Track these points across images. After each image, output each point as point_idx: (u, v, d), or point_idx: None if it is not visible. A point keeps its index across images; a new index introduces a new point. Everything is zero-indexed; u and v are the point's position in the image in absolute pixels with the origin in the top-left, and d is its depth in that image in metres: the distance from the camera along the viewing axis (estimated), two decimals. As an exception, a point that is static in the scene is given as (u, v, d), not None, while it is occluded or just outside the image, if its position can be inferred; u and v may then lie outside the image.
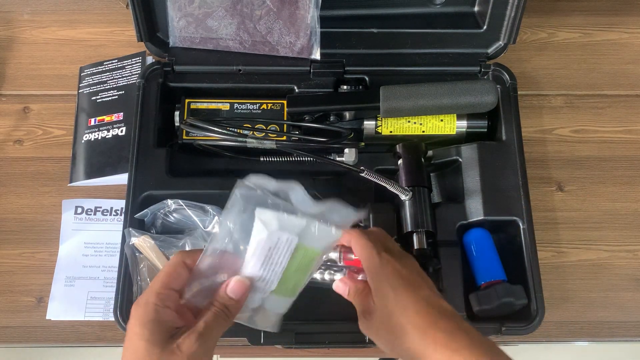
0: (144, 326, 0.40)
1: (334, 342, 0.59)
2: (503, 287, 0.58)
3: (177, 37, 0.70)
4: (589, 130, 0.74)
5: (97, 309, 0.66)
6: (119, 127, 0.73)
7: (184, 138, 0.67)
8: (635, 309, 0.66)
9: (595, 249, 0.69)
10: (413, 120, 0.66)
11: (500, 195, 0.63)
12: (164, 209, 0.63)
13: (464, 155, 0.65)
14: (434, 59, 0.70)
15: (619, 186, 0.71)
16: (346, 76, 0.70)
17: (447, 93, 0.63)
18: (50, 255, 0.68)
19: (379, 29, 0.71)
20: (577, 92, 0.76)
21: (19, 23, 0.81)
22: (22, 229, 0.70)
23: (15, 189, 0.72)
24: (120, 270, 0.61)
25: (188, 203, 0.63)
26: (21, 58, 0.79)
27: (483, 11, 0.69)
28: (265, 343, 0.58)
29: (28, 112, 0.76)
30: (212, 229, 0.62)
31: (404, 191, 0.61)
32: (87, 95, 0.76)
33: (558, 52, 0.79)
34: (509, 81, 0.69)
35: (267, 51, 0.70)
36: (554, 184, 0.72)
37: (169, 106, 0.69)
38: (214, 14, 0.68)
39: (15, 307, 0.66)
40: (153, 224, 0.64)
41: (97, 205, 0.71)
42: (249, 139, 0.62)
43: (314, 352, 0.78)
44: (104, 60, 0.78)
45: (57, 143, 0.74)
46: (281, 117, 0.68)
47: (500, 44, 0.70)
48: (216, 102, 0.69)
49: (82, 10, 0.81)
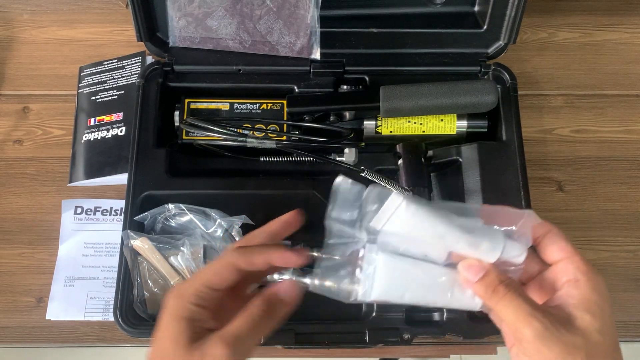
0: (173, 323, 0.38)
1: (334, 342, 0.59)
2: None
3: (177, 37, 0.70)
4: (589, 130, 0.74)
5: (96, 309, 0.65)
6: (119, 127, 0.73)
7: (183, 138, 0.67)
8: (635, 309, 0.66)
9: (595, 249, 0.69)
10: (413, 120, 0.66)
11: (500, 195, 0.63)
12: (164, 213, 0.63)
13: (464, 155, 0.65)
14: (434, 58, 0.70)
15: (619, 186, 0.71)
16: (346, 76, 0.70)
17: (448, 93, 0.63)
18: (50, 255, 0.68)
19: (379, 29, 0.71)
20: (577, 92, 0.76)
21: (18, 23, 0.81)
22: (21, 229, 0.70)
23: (15, 189, 0.71)
24: (120, 271, 0.60)
25: (189, 207, 0.62)
26: (21, 58, 0.79)
27: (483, 11, 0.69)
28: (265, 343, 0.58)
29: (28, 112, 0.76)
30: (213, 232, 0.62)
31: (404, 191, 0.60)
32: (87, 95, 0.76)
33: (558, 52, 0.79)
34: (509, 81, 0.69)
35: (267, 51, 0.70)
36: (554, 184, 0.72)
37: (168, 106, 0.69)
38: (213, 13, 0.68)
39: (15, 307, 0.66)
40: (153, 227, 0.63)
41: (96, 205, 0.71)
42: (249, 139, 0.62)
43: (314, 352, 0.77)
44: (104, 60, 0.78)
45: (56, 143, 0.74)
46: (281, 117, 0.68)
47: (501, 44, 0.70)
48: (216, 102, 0.68)
49: (82, 10, 0.81)
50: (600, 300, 0.35)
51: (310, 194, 0.63)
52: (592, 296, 0.35)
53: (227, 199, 0.63)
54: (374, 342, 0.58)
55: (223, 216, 0.62)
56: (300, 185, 0.64)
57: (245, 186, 0.64)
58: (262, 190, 0.64)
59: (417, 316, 0.62)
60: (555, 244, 0.38)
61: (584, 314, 0.35)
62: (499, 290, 0.36)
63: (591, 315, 0.35)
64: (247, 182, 0.65)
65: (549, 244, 0.38)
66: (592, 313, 0.35)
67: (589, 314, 0.35)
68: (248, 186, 0.64)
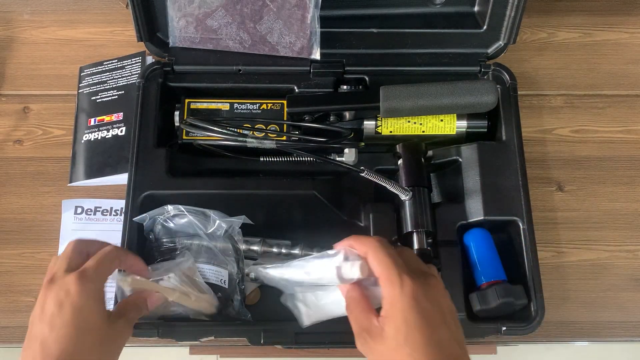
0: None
1: (334, 342, 0.59)
2: (503, 287, 0.58)
3: (177, 37, 0.70)
4: (589, 130, 0.74)
5: (97, 309, 0.65)
6: (119, 127, 0.73)
7: (183, 138, 0.67)
8: (635, 309, 0.66)
9: (595, 249, 0.69)
10: (413, 120, 0.66)
11: (500, 195, 0.63)
12: (163, 215, 0.62)
13: (464, 155, 0.65)
14: (434, 59, 0.70)
15: (619, 186, 0.71)
16: (346, 76, 0.70)
17: (447, 93, 0.63)
18: (50, 255, 0.68)
19: (379, 29, 0.71)
20: (577, 92, 0.76)
21: (19, 23, 0.81)
22: (22, 229, 0.70)
23: (15, 189, 0.72)
24: (120, 270, 0.60)
25: (188, 208, 0.62)
26: (21, 58, 0.79)
27: (483, 11, 0.69)
28: (265, 343, 0.58)
29: (28, 112, 0.76)
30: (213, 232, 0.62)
31: (404, 191, 0.61)
32: (87, 95, 0.76)
33: (558, 52, 0.79)
34: (509, 81, 0.69)
35: (267, 51, 0.70)
36: (554, 184, 0.72)
37: (168, 106, 0.69)
38: (214, 14, 0.68)
39: (15, 307, 0.66)
40: (152, 229, 0.63)
41: (97, 205, 0.71)
42: (249, 139, 0.62)
43: (314, 352, 0.78)
44: (104, 60, 0.78)
45: (57, 143, 0.74)
46: (281, 117, 0.68)
47: (500, 44, 0.70)
48: (216, 102, 0.69)
49: (82, 10, 0.81)
50: (385, 285, 0.45)
51: (310, 194, 0.63)
52: (391, 312, 0.44)
53: (227, 199, 0.63)
54: (374, 342, 0.58)
55: (222, 217, 0.61)
56: (300, 185, 0.64)
57: (245, 186, 0.64)
58: (262, 190, 0.64)
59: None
60: (371, 263, 0.46)
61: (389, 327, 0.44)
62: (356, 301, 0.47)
63: (393, 328, 0.44)
64: (247, 182, 0.65)
65: (370, 262, 0.46)
66: (386, 302, 0.45)
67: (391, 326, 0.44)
68: (248, 186, 0.64)
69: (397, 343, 0.42)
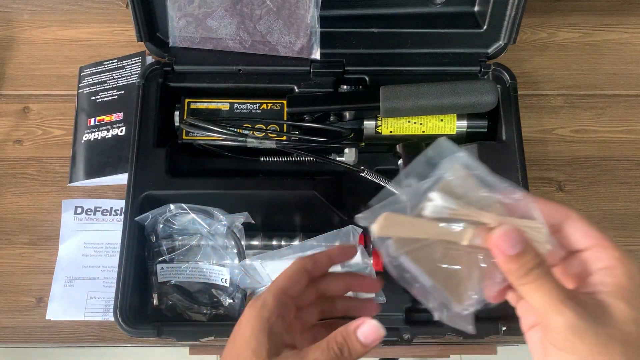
0: (254, 334, 0.38)
1: (334, 342, 0.59)
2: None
3: (177, 37, 0.70)
4: (589, 130, 0.74)
5: (96, 309, 0.66)
6: (119, 127, 0.73)
7: (183, 138, 0.67)
8: (635, 309, 0.66)
9: (596, 249, 0.68)
10: (413, 120, 0.66)
11: (500, 195, 0.63)
12: (165, 214, 0.63)
13: (464, 155, 0.65)
14: (434, 58, 0.70)
15: (619, 186, 0.71)
16: (346, 76, 0.70)
17: (448, 93, 0.63)
18: (50, 255, 0.68)
19: (379, 29, 0.71)
20: (577, 92, 0.76)
21: (18, 23, 0.81)
22: (22, 229, 0.70)
23: (15, 189, 0.72)
24: (120, 270, 0.60)
25: (192, 207, 0.62)
26: (21, 58, 0.79)
27: (483, 11, 0.69)
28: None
29: (28, 112, 0.76)
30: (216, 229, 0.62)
31: (404, 191, 0.60)
32: (87, 95, 0.76)
33: (558, 52, 0.79)
34: (509, 81, 0.69)
35: (267, 51, 0.70)
36: (554, 184, 0.72)
37: (168, 106, 0.69)
38: (213, 14, 0.68)
39: (15, 307, 0.66)
40: (154, 228, 0.63)
41: (96, 205, 0.71)
42: (249, 139, 0.62)
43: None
44: (104, 60, 0.78)
45: (56, 143, 0.74)
46: (281, 117, 0.68)
47: (501, 44, 0.70)
48: (216, 102, 0.69)
49: (82, 10, 0.81)
50: (637, 289, 0.32)
51: (310, 194, 0.63)
52: (628, 284, 0.32)
53: (227, 199, 0.63)
54: (374, 342, 0.58)
55: (225, 214, 0.62)
56: (300, 185, 0.64)
57: (245, 186, 0.64)
58: (262, 190, 0.64)
59: (417, 316, 0.62)
60: (579, 230, 0.35)
61: (620, 303, 0.31)
62: (531, 271, 0.32)
63: (627, 304, 0.31)
64: (247, 182, 0.65)
65: (572, 231, 0.35)
66: (628, 302, 0.31)
67: (625, 303, 0.31)
68: (248, 186, 0.64)
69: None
